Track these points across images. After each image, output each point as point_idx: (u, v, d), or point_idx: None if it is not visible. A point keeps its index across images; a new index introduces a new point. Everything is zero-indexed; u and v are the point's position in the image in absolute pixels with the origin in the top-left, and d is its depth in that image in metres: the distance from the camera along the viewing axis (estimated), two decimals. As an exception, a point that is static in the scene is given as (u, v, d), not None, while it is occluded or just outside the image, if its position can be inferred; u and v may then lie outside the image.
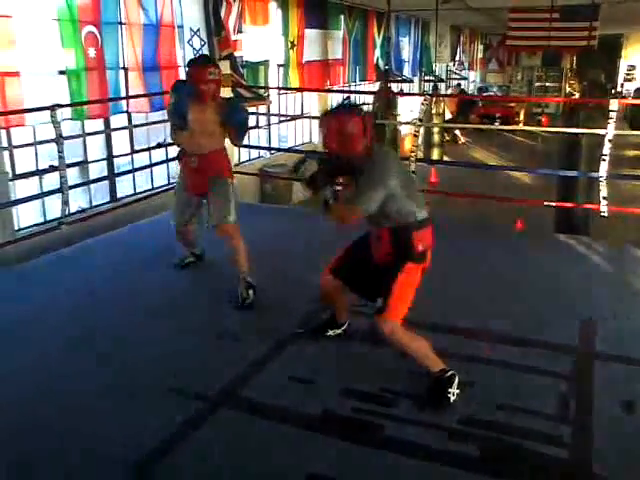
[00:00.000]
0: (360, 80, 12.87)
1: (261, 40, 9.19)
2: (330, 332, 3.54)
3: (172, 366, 3.23)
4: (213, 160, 4.06)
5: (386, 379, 3.10)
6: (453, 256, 4.86)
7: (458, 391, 2.91)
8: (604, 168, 5.15)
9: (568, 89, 20.27)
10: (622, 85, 22.24)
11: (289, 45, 10.07)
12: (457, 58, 19.23)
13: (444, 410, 2.85)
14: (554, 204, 5.83)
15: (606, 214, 5.19)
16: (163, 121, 7.14)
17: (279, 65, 10.02)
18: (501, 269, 4.61)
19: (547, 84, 22.05)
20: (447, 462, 2.54)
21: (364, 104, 4.30)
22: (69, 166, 5.27)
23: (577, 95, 16.24)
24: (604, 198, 5.19)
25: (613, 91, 19.13)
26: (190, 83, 3.91)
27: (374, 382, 3.07)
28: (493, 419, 2.78)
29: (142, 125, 6.99)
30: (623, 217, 5.82)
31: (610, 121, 5.02)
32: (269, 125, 10.39)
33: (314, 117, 10.91)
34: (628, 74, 23.04)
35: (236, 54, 8.38)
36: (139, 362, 3.29)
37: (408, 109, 13.47)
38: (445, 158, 14.72)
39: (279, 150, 9.83)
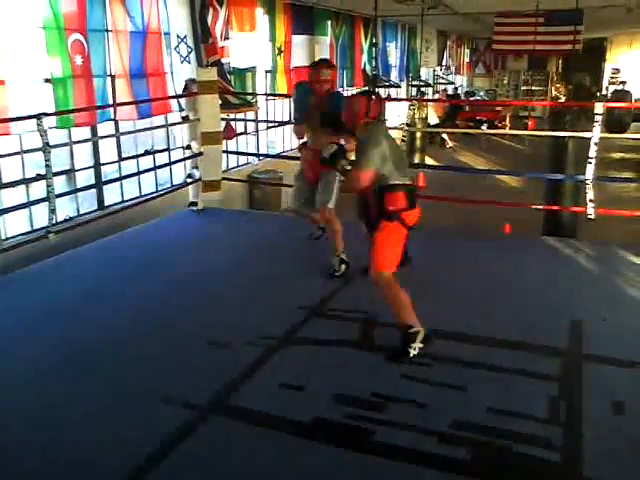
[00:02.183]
0: (348, 85, 12.91)
1: (248, 46, 9.19)
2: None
3: (162, 374, 3.22)
4: None
5: (377, 384, 3.10)
6: (442, 259, 4.89)
7: (421, 346, 3.33)
8: (590, 171, 5.20)
9: (554, 92, 20.40)
10: (607, 88, 22.44)
11: (276, 51, 10.08)
12: (444, 63, 19.33)
13: (435, 414, 2.85)
14: (542, 207, 5.87)
15: (593, 217, 5.23)
16: (150, 128, 7.15)
17: (267, 71, 10.03)
18: (490, 272, 4.64)
19: (533, 88, 22.21)
20: (438, 466, 2.54)
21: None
22: (56, 174, 5.24)
23: (563, 99, 16.37)
24: (590, 201, 5.23)
25: (598, 94, 19.29)
26: (308, 83, 4.56)
27: (365, 387, 3.07)
28: (483, 422, 2.78)
29: (129, 133, 6.96)
30: (609, 219, 5.86)
31: (595, 124, 5.06)
32: (257, 131, 10.39)
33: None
34: (612, 77, 23.25)
35: (223, 60, 8.38)
36: (128, 370, 3.27)
37: (395, 114, 13.51)
38: (432, 162, 14.78)
39: (267, 156, 9.83)
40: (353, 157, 3.70)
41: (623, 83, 20.87)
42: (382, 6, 10.76)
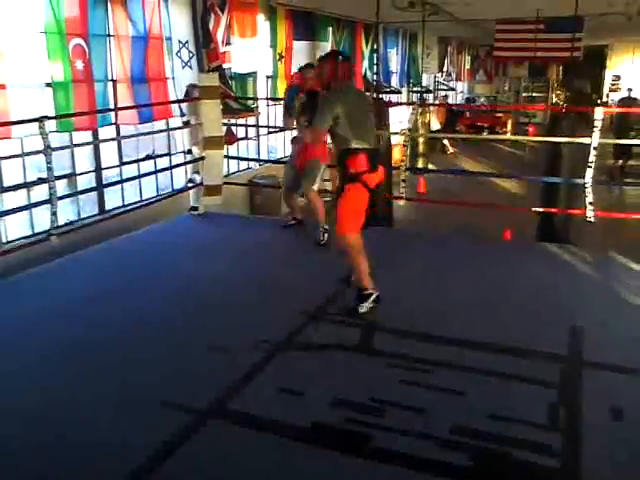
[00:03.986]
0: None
1: (249, 52, 9.22)
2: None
3: (162, 378, 3.22)
4: (310, 147, 5.17)
5: (376, 388, 3.10)
6: (442, 265, 4.90)
7: (371, 305, 3.85)
8: (589, 175, 5.21)
9: (554, 99, 20.44)
10: (607, 95, 22.46)
11: (277, 57, 10.11)
12: (445, 69, 19.37)
13: (435, 420, 2.84)
14: (541, 210, 5.87)
15: (592, 219, 5.25)
16: (151, 132, 7.16)
17: (268, 77, 10.05)
18: (489, 277, 4.64)
19: (534, 94, 22.22)
20: (438, 472, 2.54)
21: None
22: (58, 178, 5.25)
23: (562, 105, 16.39)
24: (590, 204, 5.24)
25: (599, 101, 19.29)
26: (297, 85, 5.47)
27: (364, 392, 3.07)
28: (483, 428, 2.77)
29: (130, 137, 6.97)
30: (602, 225, 5.86)
31: (595, 130, 5.07)
32: (258, 136, 10.41)
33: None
34: (613, 84, 23.27)
35: (225, 66, 8.41)
36: (130, 374, 3.27)
37: (397, 120, 13.51)
38: (433, 168, 14.80)
39: (268, 162, 9.84)
40: None
41: (629, 90, 20.87)
42: (383, 12, 10.77)
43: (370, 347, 3.58)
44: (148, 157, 6.61)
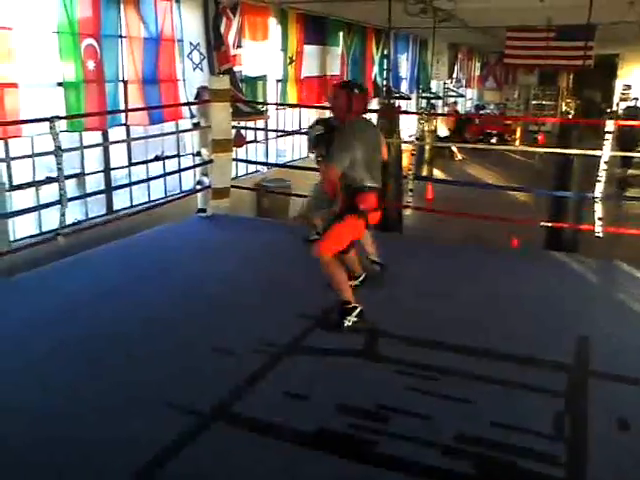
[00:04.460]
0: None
1: (260, 55, 9.24)
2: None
3: (167, 379, 3.22)
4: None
5: (382, 395, 3.09)
6: (449, 274, 4.89)
7: (355, 319, 3.74)
8: (599, 189, 5.17)
9: (564, 108, 20.38)
10: (617, 104, 22.40)
11: (288, 60, 10.12)
12: (454, 75, 19.36)
13: (440, 427, 2.83)
14: (549, 224, 5.84)
15: (601, 235, 5.20)
16: (161, 135, 7.19)
17: (278, 80, 10.07)
18: (497, 287, 4.63)
19: (543, 102, 22.19)
20: (440, 478, 2.53)
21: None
22: (67, 177, 5.28)
23: (572, 114, 16.35)
24: (599, 219, 5.20)
25: (609, 110, 19.24)
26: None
27: (369, 398, 3.06)
28: (488, 437, 2.76)
29: (140, 138, 6.99)
30: (610, 235, 5.83)
31: (606, 142, 5.04)
32: (267, 140, 10.42)
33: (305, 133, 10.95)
34: (623, 93, 23.19)
35: (235, 69, 8.43)
36: (134, 373, 3.28)
37: (405, 125, 13.51)
38: (441, 175, 14.78)
39: (277, 165, 9.85)
40: None
41: (635, 99, 20.78)
42: (394, 18, 10.79)
43: (376, 353, 3.57)
44: (157, 158, 6.63)
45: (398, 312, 4.05)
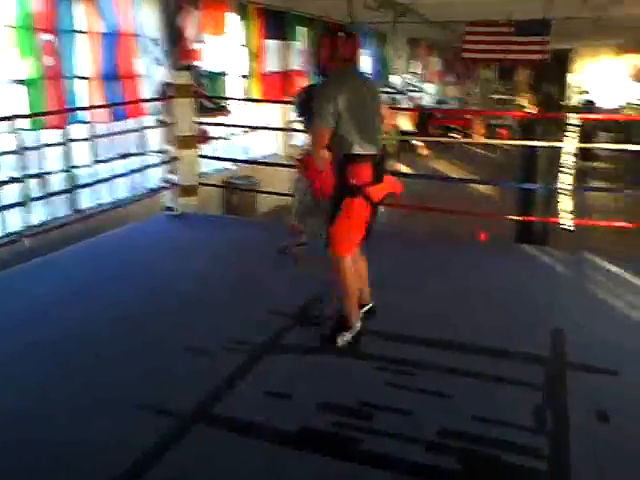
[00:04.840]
0: (320, 91, 12.89)
1: (221, 50, 9.12)
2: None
3: (141, 380, 3.16)
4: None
5: (364, 392, 3.08)
6: (417, 268, 4.89)
7: (350, 340, 3.37)
8: (566, 180, 5.27)
9: (523, 102, 20.72)
10: (569, 98, 22.92)
11: (250, 56, 10.02)
12: (415, 70, 19.49)
13: (422, 422, 2.83)
14: (519, 218, 5.92)
15: (567, 227, 5.28)
16: (124, 132, 7.02)
17: (241, 75, 9.95)
18: (465, 280, 4.63)
19: (503, 97, 22.52)
20: (426, 475, 2.53)
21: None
22: (31, 177, 5.11)
23: (531, 108, 16.64)
24: (567, 211, 5.29)
25: (564, 103, 19.64)
26: None
27: (352, 395, 3.04)
28: (471, 431, 2.77)
29: (103, 136, 6.81)
30: (579, 227, 5.94)
31: (571, 134, 5.14)
32: (232, 136, 10.28)
33: (277, 128, 10.87)
34: (576, 88, 23.72)
35: (197, 64, 8.29)
36: (105, 376, 3.20)
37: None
38: (407, 169, 14.86)
39: (244, 162, 9.73)
40: None
41: (585, 93, 21.31)
42: (354, 13, 10.80)
43: (355, 350, 3.55)
44: (122, 156, 6.48)
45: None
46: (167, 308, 4.06)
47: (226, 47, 9.27)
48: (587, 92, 21.95)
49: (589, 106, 18.21)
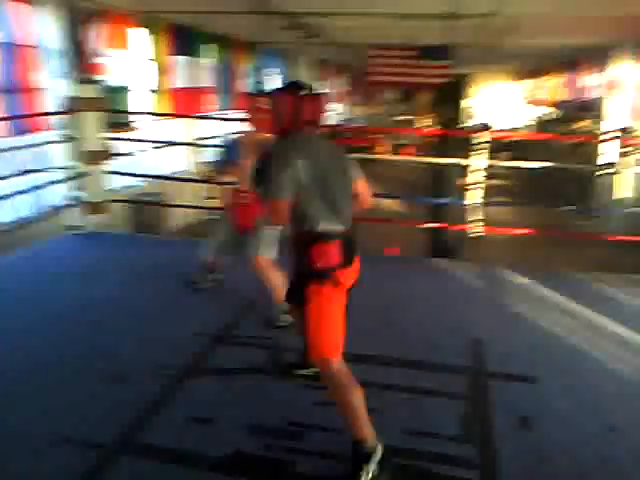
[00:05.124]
0: (231, 108, 12.79)
1: (127, 65, 8.88)
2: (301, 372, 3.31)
3: (55, 413, 2.94)
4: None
5: (291, 412, 3.02)
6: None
7: (376, 469, 2.44)
8: (479, 195, 5.51)
9: (425, 122, 21.55)
10: (463, 122, 24.20)
11: (158, 71, 9.81)
12: (324, 90, 19.81)
13: (350, 438, 2.79)
14: (431, 226, 6.15)
15: (483, 233, 5.55)
16: (27, 146, 6.63)
17: (150, 90, 9.71)
18: (383, 293, 4.63)
19: (405, 118, 23.37)
20: (362, 493, 2.49)
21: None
22: None
23: (434, 128, 17.36)
24: (476, 220, 5.54)
25: (460, 125, 20.64)
26: None
27: (280, 416, 2.98)
28: (401, 445, 2.78)
29: (1, 151, 6.39)
30: (490, 241, 6.21)
31: (482, 152, 5.40)
32: (140, 153, 9.96)
33: (186, 144, 10.66)
34: (469, 111, 25.08)
35: (98, 78, 8.01)
36: (19, 410, 2.97)
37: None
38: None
39: (154, 177, 9.41)
40: None
41: (476, 117, 22.59)
42: (263, 32, 10.85)
43: (280, 369, 3.47)
44: (23, 172, 6.09)
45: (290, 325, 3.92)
46: (81, 335, 3.82)
47: (131, 61, 9.02)
48: (477, 116, 23.29)
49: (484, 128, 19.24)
